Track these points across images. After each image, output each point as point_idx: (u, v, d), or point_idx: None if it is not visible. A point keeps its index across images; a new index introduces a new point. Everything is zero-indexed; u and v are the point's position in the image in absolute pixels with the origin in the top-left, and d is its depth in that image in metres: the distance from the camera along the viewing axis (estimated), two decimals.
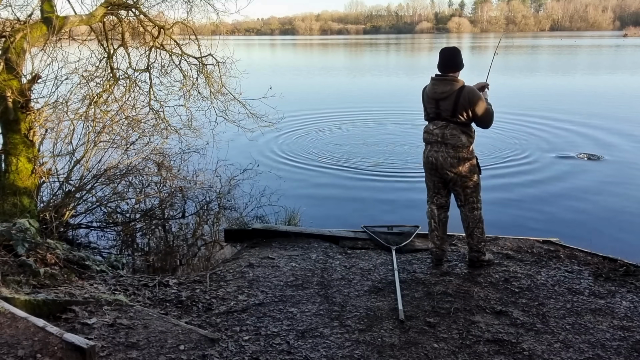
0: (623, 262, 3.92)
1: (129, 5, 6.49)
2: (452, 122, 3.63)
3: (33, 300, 2.79)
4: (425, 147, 3.84)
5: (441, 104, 3.62)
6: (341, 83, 22.20)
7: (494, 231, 4.70)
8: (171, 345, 2.62)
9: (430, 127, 3.74)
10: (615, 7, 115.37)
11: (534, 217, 6.03)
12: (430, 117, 3.76)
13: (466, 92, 3.56)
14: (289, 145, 9.84)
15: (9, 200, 4.78)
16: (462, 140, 3.63)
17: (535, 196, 6.75)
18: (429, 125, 3.78)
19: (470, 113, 3.60)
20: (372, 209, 6.42)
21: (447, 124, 3.64)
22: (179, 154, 7.02)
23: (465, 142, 3.64)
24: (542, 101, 15.00)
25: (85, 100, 6.14)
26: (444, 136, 3.64)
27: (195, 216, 6.14)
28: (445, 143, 3.65)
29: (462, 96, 3.55)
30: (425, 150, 3.83)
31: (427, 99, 3.74)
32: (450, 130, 3.63)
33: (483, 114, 3.62)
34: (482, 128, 3.77)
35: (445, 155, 3.66)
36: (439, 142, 3.68)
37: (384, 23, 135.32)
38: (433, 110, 3.70)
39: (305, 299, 3.37)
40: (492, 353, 2.72)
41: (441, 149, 3.68)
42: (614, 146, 9.34)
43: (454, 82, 3.60)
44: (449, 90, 3.58)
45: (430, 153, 3.76)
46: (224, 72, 7.28)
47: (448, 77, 3.64)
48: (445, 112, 3.62)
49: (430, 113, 3.74)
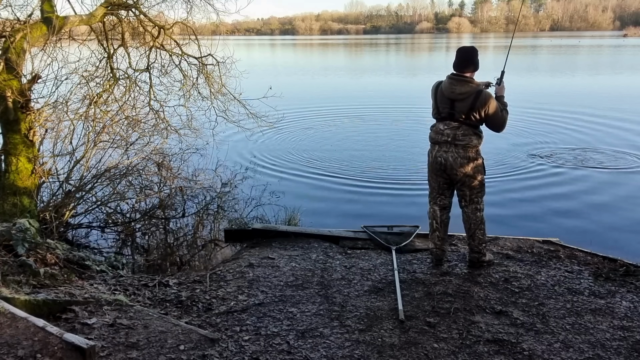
0: (623, 262, 3.92)
1: (129, 5, 6.49)
2: (464, 124, 3.59)
3: (33, 300, 2.79)
4: (433, 147, 3.76)
5: (457, 105, 3.56)
6: (342, 83, 22.19)
7: (494, 231, 4.71)
8: (171, 345, 2.62)
9: (441, 127, 3.66)
10: (615, 7, 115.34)
11: (535, 217, 6.03)
12: (442, 117, 3.67)
13: (484, 96, 3.52)
14: (288, 145, 9.84)
15: (9, 200, 4.79)
16: (473, 142, 3.61)
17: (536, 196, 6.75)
18: (438, 124, 3.70)
19: (485, 117, 3.57)
20: (372, 208, 6.42)
21: (460, 125, 3.59)
22: (179, 154, 7.02)
23: (475, 142, 3.62)
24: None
25: (85, 100, 6.14)
26: (455, 137, 3.60)
27: (195, 216, 6.13)
28: (455, 144, 3.60)
29: (480, 100, 3.51)
30: (433, 151, 3.75)
31: (440, 97, 3.65)
32: (462, 131, 3.59)
33: (497, 120, 3.60)
34: (495, 132, 3.74)
35: (455, 155, 3.62)
36: (449, 142, 3.62)
37: (384, 23, 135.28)
38: (446, 110, 3.63)
39: (305, 299, 3.37)
40: (492, 353, 2.72)
41: (451, 149, 3.63)
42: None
43: (472, 83, 3.55)
44: (467, 92, 3.52)
45: (439, 154, 3.69)
46: (224, 72, 7.28)
47: (466, 78, 3.58)
48: (459, 114, 3.57)
49: (442, 112, 3.66)
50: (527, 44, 56.99)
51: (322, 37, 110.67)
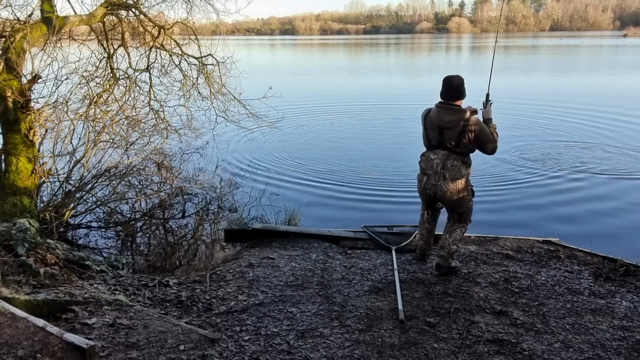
0: (623, 262, 3.93)
1: (129, 5, 6.49)
2: (454, 153, 3.60)
3: (33, 300, 2.79)
4: (422, 176, 3.77)
5: (446, 133, 3.57)
6: (341, 83, 22.19)
7: (494, 231, 4.70)
8: (171, 345, 2.62)
9: (431, 156, 3.68)
10: (615, 7, 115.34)
11: (534, 217, 6.03)
12: (432, 145, 3.69)
13: (472, 123, 3.53)
14: (288, 144, 9.84)
15: (9, 200, 4.79)
16: (462, 172, 3.61)
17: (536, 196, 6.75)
18: (428, 153, 3.71)
19: (475, 142, 3.58)
20: (372, 208, 6.42)
21: (449, 154, 3.60)
22: (179, 154, 7.02)
23: (464, 172, 3.63)
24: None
25: (85, 100, 6.14)
26: (444, 166, 3.60)
27: (195, 216, 6.14)
28: (444, 175, 3.61)
29: (468, 126, 3.52)
30: (422, 181, 3.76)
31: (430, 125, 3.66)
32: (451, 161, 3.60)
33: (488, 143, 3.60)
34: (487, 155, 3.73)
35: (444, 188, 3.62)
36: (438, 173, 3.63)
37: (384, 23, 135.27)
38: (436, 138, 3.64)
39: (305, 299, 3.37)
40: (492, 353, 2.72)
41: (439, 182, 3.63)
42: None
43: (460, 111, 3.56)
44: (456, 119, 3.53)
45: (427, 185, 3.71)
46: (224, 72, 7.28)
47: (454, 106, 3.59)
48: (448, 142, 3.58)
49: (432, 140, 3.67)
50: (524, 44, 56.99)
51: (322, 37, 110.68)
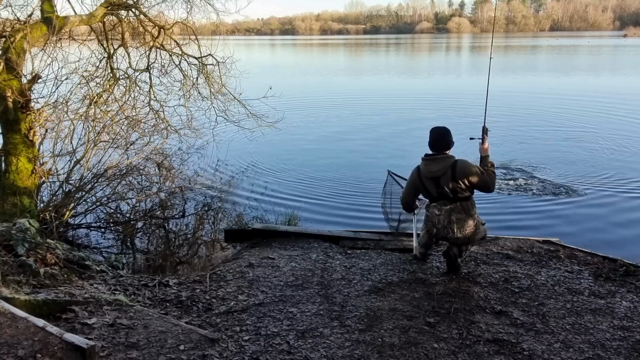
0: (623, 262, 3.92)
1: (129, 5, 6.49)
2: (456, 202, 3.64)
3: (33, 300, 2.79)
4: (432, 227, 3.82)
5: (441, 180, 3.63)
6: (342, 83, 22.19)
7: (494, 231, 4.70)
8: (171, 345, 2.62)
9: (435, 212, 3.73)
10: (615, 7, 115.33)
11: (534, 217, 6.03)
12: (434, 197, 3.74)
13: (459, 165, 3.60)
14: (288, 144, 9.84)
15: (9, 200, 4.79)
16: (468, 220, 3.66)
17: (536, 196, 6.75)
18: (433, 209, 3.76)
19: (469, 184, 3.61)
20: (372, 208, 6.41)
21: (453, 207, 3.65)
22: (179, 154, 7.02)
23: (471, 224, 3.67)
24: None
25: (85, 100, 6.15)
26: (450, 221, 3.67)
27: (195, 216, 6.14)
28: (452, 228, 3.67)
29: (457, 170, 3.58)
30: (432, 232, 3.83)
31: (424, 179, 3.73)
32: (455, 215, 3.65)
33: (482, 183, 3.62)
34: (485, 192, 3.75)
35: (454, 237, 3.70)
36: (445, 227, 3.70)
37: (384, 23, 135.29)
38: (434, 189, 3.69)
39: (305, 299, 3.37)
40: (492, 353, 2.72)
41: (449, 234, 3.70)
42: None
43: (446, 158, 3.64)
44: (443, 166, 3.62)
45: (439, 235, 3.80)
46: (224, 72, 7.29)
47: (439, 155, 3.67)
48: (446, 187, 3.62)
49: (432, 192, 3.72)
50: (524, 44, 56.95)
51: (322, 37, 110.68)
